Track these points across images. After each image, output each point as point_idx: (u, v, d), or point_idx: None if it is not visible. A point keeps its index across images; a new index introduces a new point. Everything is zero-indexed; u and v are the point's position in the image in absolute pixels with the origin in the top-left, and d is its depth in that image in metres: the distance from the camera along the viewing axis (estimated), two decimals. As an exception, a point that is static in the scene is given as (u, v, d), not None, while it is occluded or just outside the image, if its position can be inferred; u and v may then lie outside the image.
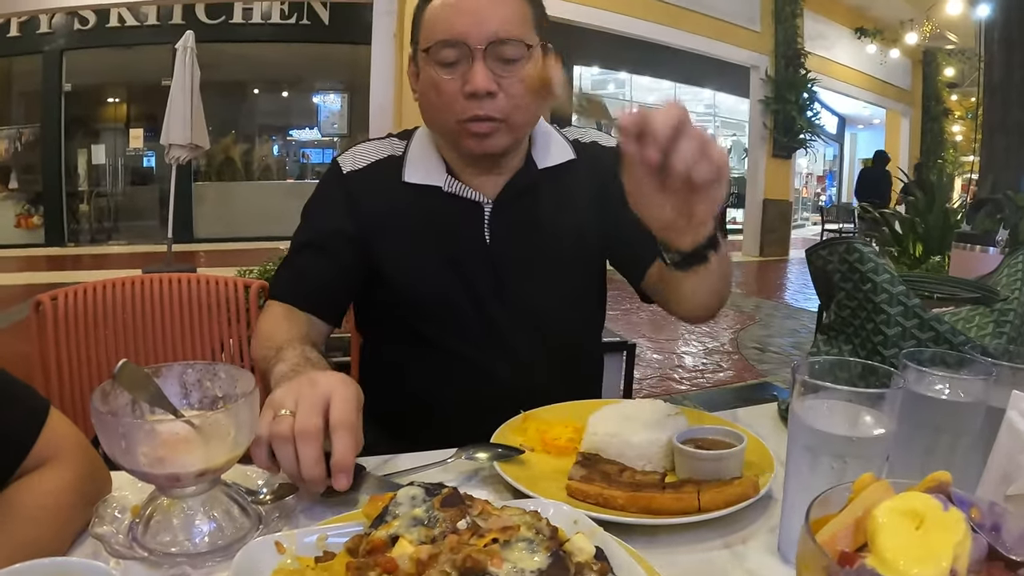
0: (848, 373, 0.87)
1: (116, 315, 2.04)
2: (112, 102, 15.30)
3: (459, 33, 1.28)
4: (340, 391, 0.95)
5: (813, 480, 0.79)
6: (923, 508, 0.52)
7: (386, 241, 1.42)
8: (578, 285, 1.53)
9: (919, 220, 6.41)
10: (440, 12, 1.32)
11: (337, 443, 0.91)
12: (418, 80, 1.42)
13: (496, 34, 1.29)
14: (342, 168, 1.48)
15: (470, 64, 1.29)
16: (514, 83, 1.32)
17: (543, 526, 0.67)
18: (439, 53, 1.30)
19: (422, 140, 1.49)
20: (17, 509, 0.83)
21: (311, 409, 0.92)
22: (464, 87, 1.30)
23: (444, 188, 1.42)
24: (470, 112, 1.31)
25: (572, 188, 1.49)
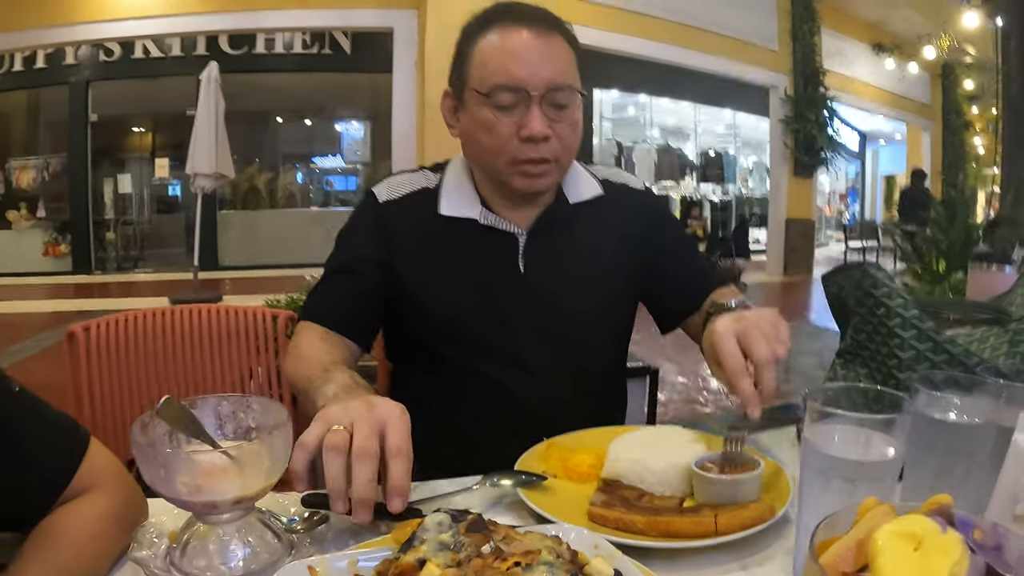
0: (863, 398, 0.89)
1: (147, 345, 2.10)
2: (138, 132, 15.55)
3: (518, 79, 1.34)
4: (396, 417, 0.96)
5: (825, 502, 0.81)
6: (921, 531, 0.54)
7: (420, 271, 1.46)
8: (607, 314, 1.57)
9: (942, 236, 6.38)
10: (497, 55, 1.36)
11: (395, 468, 0.92)
12: (455, 114, 1.47)
13: (552, 81, 1.35)
14: (378, 198, 1.52)
15: (527, 109, 1.35)
16: (564, 127, 1.38)
17: (563, 550, 0.71)
18: (497, 96, 1.35)
19: (456, 174, 1.53)
20: (60, 535, 0.87)
21: (370, 431, 0.92)
22: (520, 131, 1.35)
23: (480, 220, 1.47)
24: (525, 155, 1.37)
25: (601, 222, 1.55)
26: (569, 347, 1.49)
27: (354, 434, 0.92)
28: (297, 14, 9.49)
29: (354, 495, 0.90)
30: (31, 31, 9.17)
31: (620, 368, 1.70)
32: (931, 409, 0.91)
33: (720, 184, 19.45)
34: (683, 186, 18.58)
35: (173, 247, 14.80)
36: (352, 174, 16.47)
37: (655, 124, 18.35)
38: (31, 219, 14.19)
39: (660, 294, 1.61)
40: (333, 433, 0.92)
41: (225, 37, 13.26)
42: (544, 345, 1.47)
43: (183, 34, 12.29)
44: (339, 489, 0.90)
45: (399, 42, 9.29)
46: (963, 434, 0.90)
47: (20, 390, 0.91)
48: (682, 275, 1.59)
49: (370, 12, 9.34)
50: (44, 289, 12.09)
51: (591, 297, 1.51)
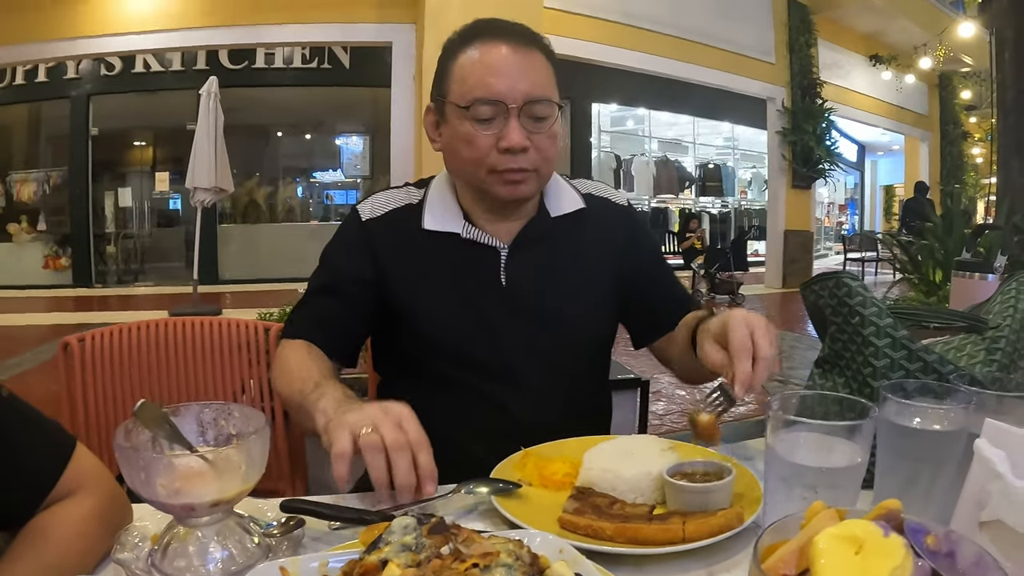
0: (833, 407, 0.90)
1: (141, 356, 2.11)
2: (138, 146, 15.60)
3: (496, 93, 1.37)
4: (409, 414, 1.11)
5: (787, 510, 0.82)
6: (863, 534, 0.55)
7: (405, 285, 1.49)
8: (589, 325, 1.59)
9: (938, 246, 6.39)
10: (475, 70, 1.40)
11: (422, 456, 1.06)
12: (437, 128, 1.50)
13: (529, 94, 1.38)
14: (361, 216, 1.55)
15: (505, 121, 1.38)
16: (543, 139, 1.42)
17: (524, 553, 0.72)
18: (476, 110, 1.38)
19: (440, 189, 1.56)
20: (46, 535, 0.90)
21: (395, 428, 1.06)
22: (499, 143, 1.38)
23: (462, 235, 1.49)
24: (504, 165, 1.40)
25: (583, 235, 1.57)
26: (553, 358, 1.51)
27: (383, 433, 1.05)
28: (297, 29, 9.52)
29: (399, 483, 1.04)
30: (33, 45, 9.20)
31: (603, 377, 1.72)
32: (900, 417, 0.93)
33: (719, 196, 19.50)
34: (682, 199, 18.63)
35: (173, 261, 14.83)
36: (352, 188, 16.50)
37: (654, 137, 18.41)
38: (32, 232, 14.23)
39: (638, 310, 1.66)
40: (367, 435, 1.05)
41: (225, 52, 13.33)
42: (529, 357, 1.49)
43: (183, 49, 12.32)
44: (386, 480, 1.04)
45: (397, 56, 9.32)
46: (931, 441, 0.91)
47: (9, 395, 0.94)
48: (660, 295, 1.66)
49: (369, 27, 9.38)
50: (44, 302, 12.11)
51: (573, 309, 1.54)
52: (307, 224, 15.70)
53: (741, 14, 12.23)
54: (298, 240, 14.66)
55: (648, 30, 10.85)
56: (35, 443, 0.96)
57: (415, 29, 9.15)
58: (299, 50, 13.71)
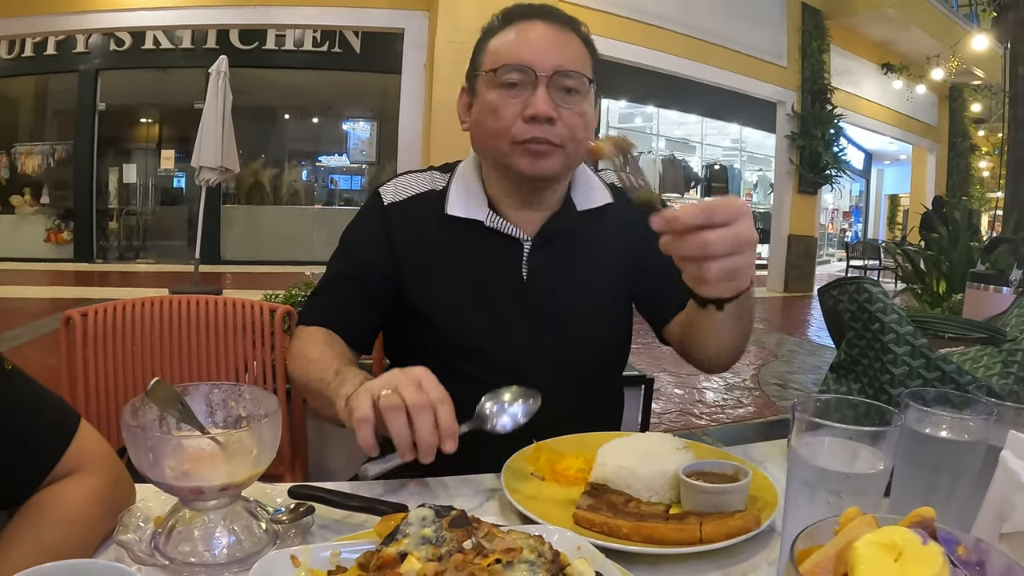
0: (853, 412, 0.89)
1: (144, 333, 2.09)
2: (145, 123, 15.58)
3: (526, 60, 1.36)
4: (428, 374, 1.08)
5: (810, 514, 0.81)
6: (902, 542, 0.53)
7: (422, 274, 1.47)
8: (607, 324, 1.57)
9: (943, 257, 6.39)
10: (508, 41, 1.40)
11: (443, 413, 1.03)
12: (470, 110, 1.48)
13: (560, 65, 1.37)
14: (383, 199, 1.52)
15: (533, 90, 1.36)
16: (571, 114, 1.39)
17: (545, 550, 0.71)
18: (504, 75, 1.37)
19: (466, 174, 1.52)
20: (46, 514, 0.88)
21: (415, 389, 1.04)
22: (525, 110, 1.36)
23: (486, 223, 1.46)
24: (528, 134, 1.37)
25: (607, 231, 1.54)
26: (567, 356, 1.48)
27: (403, 394, 1.03)
28: (309, 11, 9.50)
29: (421, 442, 1.02)
30: (42, 17, 9.18)
31: (617, 376, 1.68)
32: (921, 425, 0.91)
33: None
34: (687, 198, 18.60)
35: (175, 239, 14.85)
36: (357, 174, 16.49)
37: (661, 135, 18.37)
38: (35, 205, 14.23)
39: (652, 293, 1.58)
40: (386, 396, 1.03)
41: (236, 32, 13.32)
42: (541, 353, 1.45)
43: (194, 27, 12.35)
44: (408, 441, 1.02)
45: (409, 44, 9.30)
46: (952, 451, 0.90)
47: (12, 368, 0.92)
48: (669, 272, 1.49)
49: (381, 12, 9.36)
50: (44, 275, 12.11)
51: (592, 307, 1.51)
52: (311, 208, 15.70)
53: (754, 16, 12.21)
54: (301, 223, 14.70)
55: (661, 28, 10.84)
56: (38, 419, 0.93)
57: (428, 17, 9.13)
58: (310, 33, 13.71)
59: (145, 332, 2.09)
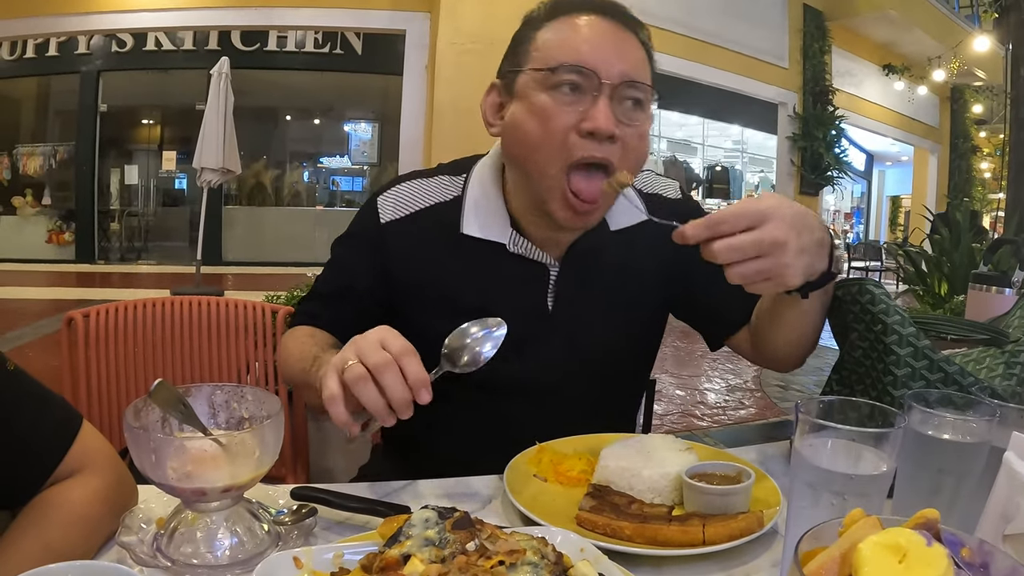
0: (856, 413, 0.89)
1: (146, 334, 2.09)
2: (146, 124, 15.60)
3: (589, 61, 1.15)
4: (388, 330, 0.99)
5: (813, 516, 0.80)
6: (906, 543, 0.53)
7: (428, 301, 1.31)
8: (635, 346, 1.47)
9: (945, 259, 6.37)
10: (565, 35, 1.19)
11: (408, 365, 0.94)
12: (500, 111, 1.28)
13: (627, 73, 1.18)
14: (380, 215, 1.34)
15: (594, 99, 1.16)
16: (634, 135, 1.20)
17: (549, 551, 0.71)
18: (560, 76, 1.16)
19: (484, 183, 1.34)
20: (48, 514, 0.88)
21: (374, 349, 0.95)
22: (582, 123, 1.16)
23: (509, 247, 1.30)
24: (583, 151, 1.16)
25: (639, 248, 1.38)
26: (593, 385, 1.37)
27: (365, 360, 0.94)
28: (310, 13, 9.50)
29: (393, 402, 0.93)
30: (44, 18, 9.19)
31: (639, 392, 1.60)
32: (924, 426, 0.91)
33: (726, 199, 19.47)
34: (688, 199, 18.58)
35: (177, 240, 14.86)
36: (359, 175, 16.49)
37: (663, 136, 18.37)
38: (36, 206, 14.24)
39: (705, 313, 1.46)
40: (350, 368, 0.94)
41: (237, 33, 13.31)
42: (563, 383, 1.34)
43: (196, 28, 12.36)
44: (382, 407, 0.94)
45: (410, 45, 9.29)
46: (955, 452, 0.90)
47: (15, 369, 0.91)
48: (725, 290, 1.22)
49: (383, 14, 9.36)
50: (46, 276, 12.11)
51: (621, 332, 1.39)
52: (312, 209, 15.70)
53: (756, 17, 12.20)
54: (302, 225, 14.70)
55: (662, 29, 10.81)
56: (40, 419, 0.93)
57: (429, 18, 9.13)
58: (311, 34, 13.69)
59: (147, 333, 2.09)
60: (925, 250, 7.25)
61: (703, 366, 7.13)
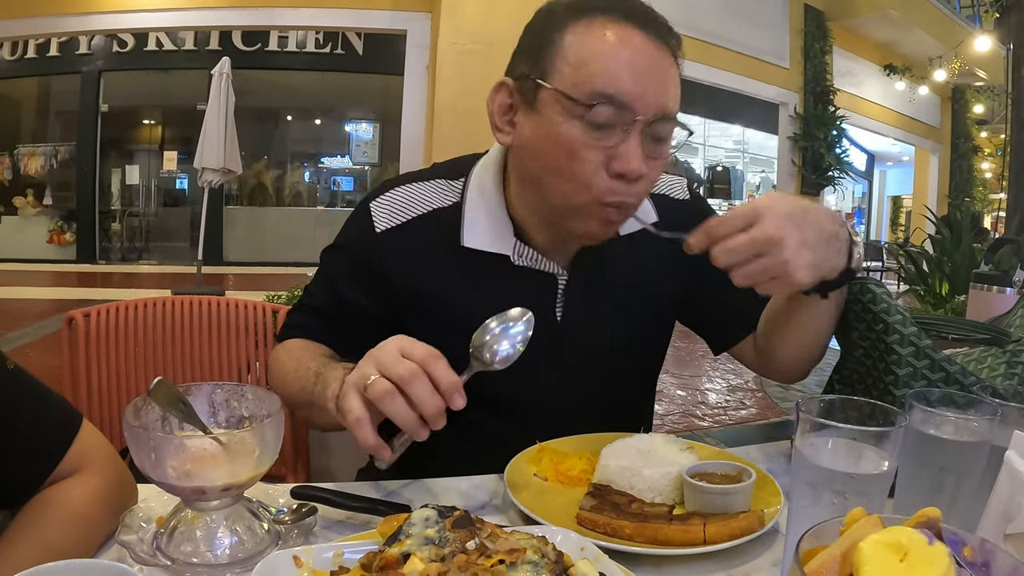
0: (857, 412, 0.89)
1: (146, 333, 2.09)
2: (147, 124, 15.61)
3: (628, 93, 1.05)
4: (405, 338, 0.95)
5: (814, 515, 0.80)
6: (908, 542, 0.53)
7: (428, 316, 1.24)
8: (645, 352, 1.43)
9: (946, 259, 6.38)
10: (600, 54, 1.07)
11: (437, 370, 0.91)
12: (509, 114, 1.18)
13: (663, 108, 1.08)
14: (375, 224, 1.25)
15: (624, 136, 1.07)
16: (657, 167, 1.13)
17: (549, 550, 0.70)
18: (596, 111, 1.05)
19: (484, 190, 1.26)
20: (48, 513, 0.88)
21: (396, 359, 0.91)
22: (612, 163, 1.07)
23: (513, 260, 1.24)
24: (613, 196, 1.10)
25: (648, 250, 1.32)
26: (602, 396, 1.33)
27: (388, 373, 0.91)
28: (311, 13, 9.50)
29: (425, 413, 0.90)
30: (45, 18, 9.20)
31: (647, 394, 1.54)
32: (925, 426, 0.91)
33: (727, 199, 19.47)
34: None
35: (178, 240, 14.87)
36: (360, 175, 16.48)
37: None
38: (37, 206, 14.25)
39: (713, 315, 1.42)
40: (372, 385, 0.91)
41: (238, 33, 13.31)
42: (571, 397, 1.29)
43: (197, 28, 12.36)
44: (414, 421, 0.91)
45: (411, 45, 9.29)
46: (956, 452, 0.90)
47: (15, 368, 0.91)
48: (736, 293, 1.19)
49: (384, 14, 9.36)
50: (47, 276, 12.12)
51: (630, 337, 1.35)
52: (313, 209, 15.71)
53: (756, 18, 12.20)
54: (303, 225, 14.69)
55: (664, 29, 10.81)
56: (40, 418, 0.93)
57: (430, 18, 9.13)
58: (312, 34, 13.69)
59: (148, 333, 2.09)
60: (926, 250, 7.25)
61: (704, 366, 7.13)
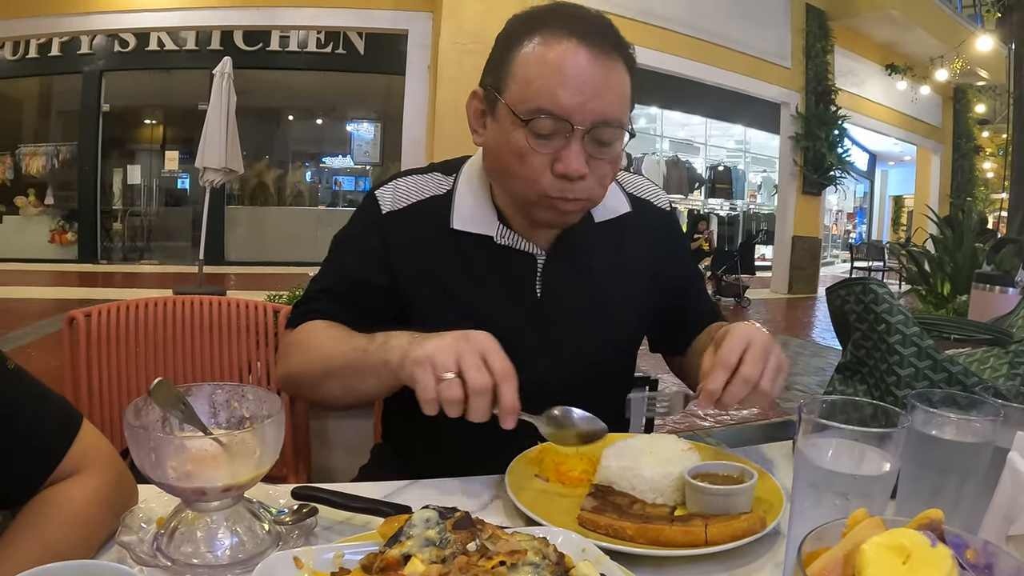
0: (859, 413, 0.88)
1: (147, 333, 2.09)
2: (149, 124, 15.62)
3: (563, 108, 1.17)
4: (493, 343, 1.05)
5: (816, 516, 0.80)
6: (910, 544, 0.53)
7: (425, 291, 1.35)
8: (622, 335, 1.49)
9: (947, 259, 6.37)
10: (545, 74, 1.18)
11: (506, 390, 1.01)
12: (483, 120, 1.32)
13: (601, 116, 1.19)
14: (381, 207, 1.37)
15: (566, 142, 1.19)
16: (603, 165, 1.24)
17: (550, 552, 0.70)
18: (536, 123, 1.18)
19: (471, 181, 1.39)
20: (48, 513, 0.87)
21: (478, 368, 1.01)
22: (555, 165, 1.20)
23: (496, 239, 1.34)
24: (557, 191, 1.22)
25: (625, 240, 1.44)
26: (582, 373, 1.37)
27: (465, 373, 1.00)
28: (313, 13, 9.51)
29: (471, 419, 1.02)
30: (47, 18, 9.21)
31: (627, 386, 1.61)
32: (927, 426, 0.91)
33: (728, 199, 19.48)
34: (690, 199, 18.60)
35: (179, 240, 14.88)
36: (361, 174, 16.50)
37: (665, 136, 18.38)
38: (39, 206, 14.27)
39: (665, 322, 1.54)
40: (448, 386, 1.00)
41: (240, 33, 13.33)
42: (553, 369, 1.34)
43: (198, 28, 12.37)
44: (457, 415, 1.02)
45: (413, 45, 9.30)
46: (958, 453, 0.90)
47: (15, 368, 0.91)
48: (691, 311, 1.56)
49: (385, 14, 9.36)
50: (48, 276, 12.14)
51: (610, 321, 1.43)
52: (315, 209, 15.74)
53: (758, 17, 12.21)
54: (305, 224, 14.72)
55: (665, 29, 10.83)
56: (41, 418, 0.93)
57: (432, 18, 9.13)
58: (314, 34, 13.72)
59: (149, 332, 2.09)
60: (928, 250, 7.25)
61: (705, 366, 7.11)
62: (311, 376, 1.28)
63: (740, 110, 16.08)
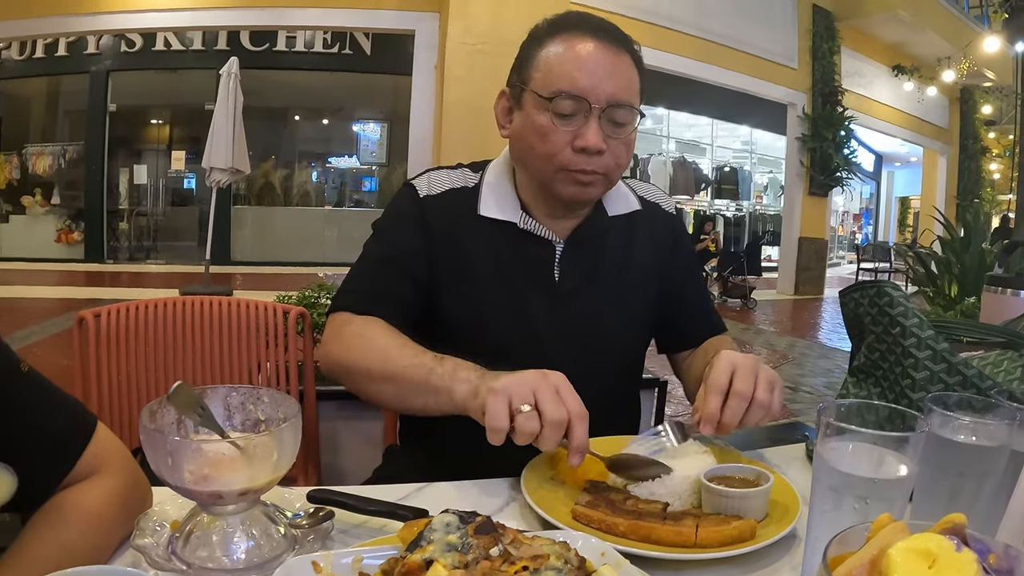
0: (875, 416, 0.88)
1: (157, 334, 2.09)
2: (155, 124, 15.67)
3: (581, 88, 1.33)
4: (566, 384, 1.10)
5: (836, 520, 0.80)
6: (936, 548, 0.53)
7: (453, 271, 1.45)
8: (633, 327, 1.57)
9: (955, 260, 6.36)
10: (564, 61, 1.35)
11: (578, 429, 1.06)
12: (510, 115, 1.46)
13: (614, 96, 1.34)
14: (419, 191, 1.50)
15: (585, 120, 1.34)
16: (619, 145, 1.38)
17: (571, 556, 0.70)
18: (557, 103, 1.34)
19: (497, 175, 1.52)
20: (64, 515, 0.87)
21: (555, 403, 1.06)
22: (575, 141, 1.35)
23: (519, 224, 1.46)
24: (576, 165, 1.36)
25: (635, 237, 1.56)
26: (594, 358, 1.47)
27: (541, 405, 1.05)
28: (319, 13, 9.52)
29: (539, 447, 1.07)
30: (54, 18, 9.24)
31: (637, 380, 1.68)
32: (944, 430, 0.91)
33: (734, 200, 19.46)
34: (697, 200, 18.59)
35: (186, 240, 14.91)
36: (368, 175, 16.52)
37: (672, 137, 18.36)
38: (46, 205, 14.30)
39: (666, 322, 1.63)
40: (526, 418, 1.05)
41: (246, 33, 13.36)
42: (568, 354, 1.42)
43: (205, 28, 12.39)
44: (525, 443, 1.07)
45: (420, 45, 9.31)
46: (975, 456, 0.89)
47: (29, 370, 0.91)
48: (690, 311, 1.65)
49: (392, 14, 9.37)
50: (55, 275, 12.16)
51: (621, 309, 1.52)
52: (321, 209, 15.75)
53: (765, 18, 12.20)
54: (311, 224, 14.74)
55: (672, 30, 10.82)
56: (56, 420, 0.92)
57: (439, 18, 9.14)
58: (320, 34, 13.74)
59: (158, 333, 2.09)
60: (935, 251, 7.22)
61: (713, 367, 7.09)
62: (366, 373, 1.33)
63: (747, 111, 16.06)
